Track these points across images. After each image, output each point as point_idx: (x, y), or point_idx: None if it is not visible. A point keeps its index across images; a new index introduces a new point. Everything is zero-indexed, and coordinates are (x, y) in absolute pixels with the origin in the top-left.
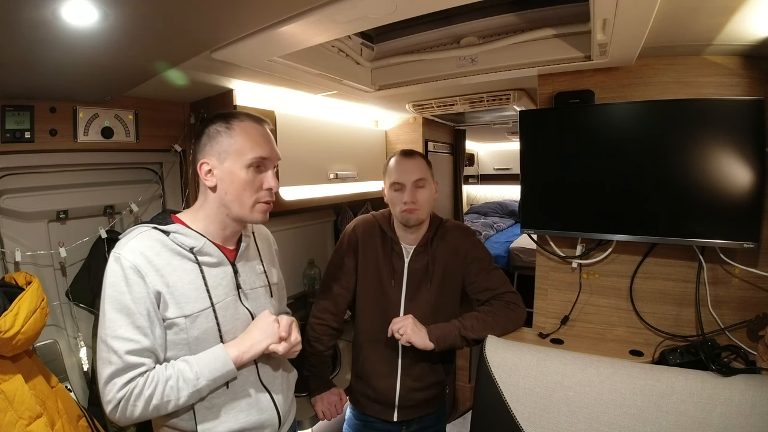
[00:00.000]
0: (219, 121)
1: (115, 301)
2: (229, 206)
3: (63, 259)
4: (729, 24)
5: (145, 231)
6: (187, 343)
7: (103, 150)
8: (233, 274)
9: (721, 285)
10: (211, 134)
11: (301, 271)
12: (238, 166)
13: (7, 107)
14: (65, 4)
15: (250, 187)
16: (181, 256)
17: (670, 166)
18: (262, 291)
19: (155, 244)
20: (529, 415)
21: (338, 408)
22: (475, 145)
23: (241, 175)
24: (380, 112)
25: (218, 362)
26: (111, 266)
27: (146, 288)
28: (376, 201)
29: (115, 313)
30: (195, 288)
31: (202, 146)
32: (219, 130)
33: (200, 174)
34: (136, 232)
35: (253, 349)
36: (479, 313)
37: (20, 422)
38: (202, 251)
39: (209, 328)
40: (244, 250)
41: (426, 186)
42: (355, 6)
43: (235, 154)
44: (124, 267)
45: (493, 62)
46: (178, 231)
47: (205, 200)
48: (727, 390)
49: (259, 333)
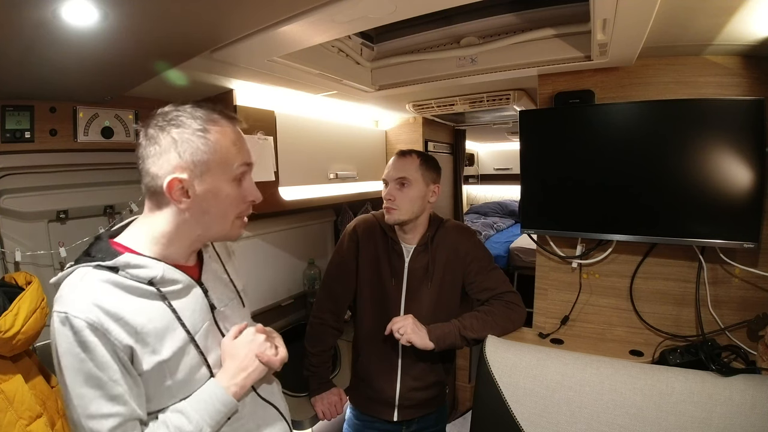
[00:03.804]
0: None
1: (77, 372)
2: (208, 227)
3: (63, 259)
4: (729, 24)
5: (88, 273)
6: (171, 390)
7: (103, 150)
8: (203, 295)
9: (721, 285)
10: (183, 140)
11: (301, 271)
12: (224, 179)
13: (7, 107)
14: (65, 4)
15: (236, 203)
16: (140, 294)
17: (670, 167)
18: (234, 304)
19: (105, 286)
20: (529, 415)
21: (338, 408)
22: (475, 145)
23: (227, 191)
24: (380, 112)
25: (218, 403)
26: (58, 330)
27: (111, 347)
28: (376, 201)
29: (81, 387)
30: (166, 325)
31: (163, 155)
32: (190, 137)
33: (168, 193)
34: (76, 278)
35: (250, 378)
36: (479, 312)
37: (20, 422)
38: (164, 280)
39: (194, 365)
40: (207, 263)
41: (410, 186)
42: (355, 6)
43: (218, 166)
44: (76, 329)
45: (493, 62)
46: (128, 263)
47: (169, 220)
48: (727, 390)
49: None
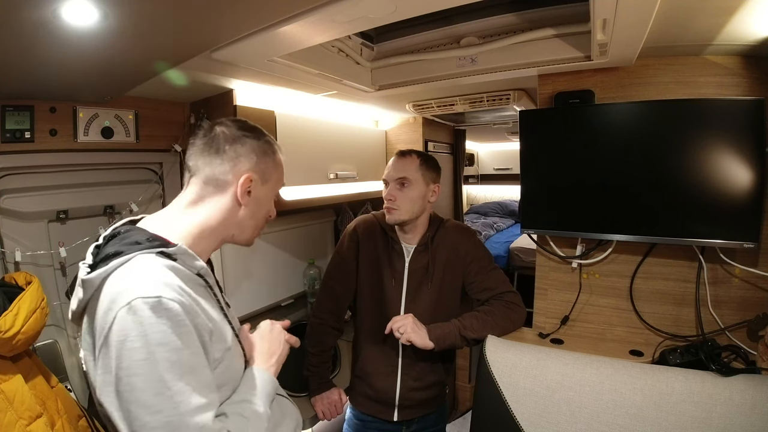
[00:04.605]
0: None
1: (175, 365)
2: (244, 228)
3: (63, 259)
4: (729, 24)
5: (153, 259)
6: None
7: (103, 150)
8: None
9: (721, 285)
10: (260, 151)
11: (301, 271)
12: (272, 192)
13: (7, 107)
14: (65, 4)
15: (267, 215)
16: (196, 284)
17: (670, 166)
18: None
19: (172, 273)
20: (529, 415)
21: (338, 408)
22: (475, 145)
23: (269, 202)
24: (380, 112)
25: (268, 385)
26: (148, 319)
27: (199, 331)
28: (376, 201)
29: (179, 380)
30: (220, 316)
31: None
32: (267, 150)
33: (238, 187)
34: (144, 263)
35: (278, 363)
36: (479, 312)
37: (20, 422)
38: (207, 273)
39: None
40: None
41: (410, 186)
42: (355, 6)
43: (274, 181)
44: (173, 313)
45: (493, 62)
46: (186, 252)
47: (217, 213)
48: (727, 390)
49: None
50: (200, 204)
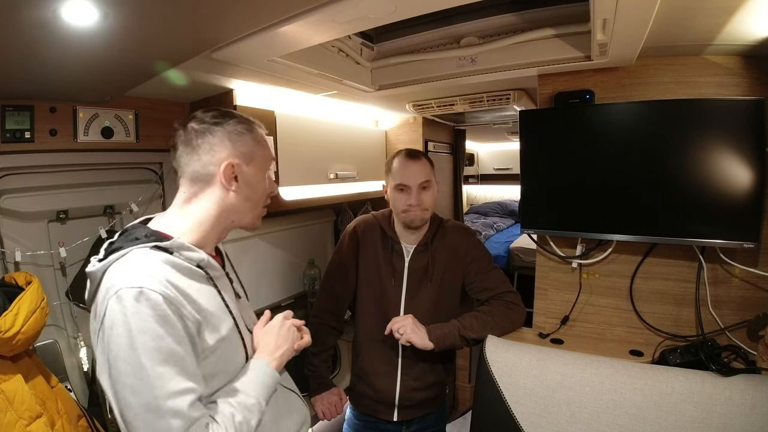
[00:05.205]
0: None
1: (155, 351)
2: (242, 213)
3: (63, 259)
4: (729, 24)
5: (148, 253)
6: (228, 369)
7: (103, 150)
8: (230, 284)
9: (721, 285)
10: (234, 135)
11: (301, 271)
12: (261, 171)
13: (7, 107)
14: (65, 4)
15: (265, 194)
16: (194, 277)
17: (670, 166)
18: (244, 298)
19: (167, 266)
20: (529, 415)
21: (338, 408)
22: (475, 145)
23: (263, 182)
24: (380, 112)
25: (267, 377)
26: (131, 307)
27: (184, 321)
28: (376, 201)
29: (159, 365)
30: (217, 307)
31: (220, 146)
32: (242, 131)
33: (221, 176)
34: (136, 257)
35: (283, 357)
36: (479, 312)
37: (20, 422)
38: (209, 265)
39: (238, 348)
40: (226, 256)
41: (430, 188)
42: (355, 6)
43: (261, 158)
44: (154, 303)
45: (493, 62)
46: (183, 245)
47: (211, 205)
48: (727, 390)
49: (282, 340)
50: (194, 201)
